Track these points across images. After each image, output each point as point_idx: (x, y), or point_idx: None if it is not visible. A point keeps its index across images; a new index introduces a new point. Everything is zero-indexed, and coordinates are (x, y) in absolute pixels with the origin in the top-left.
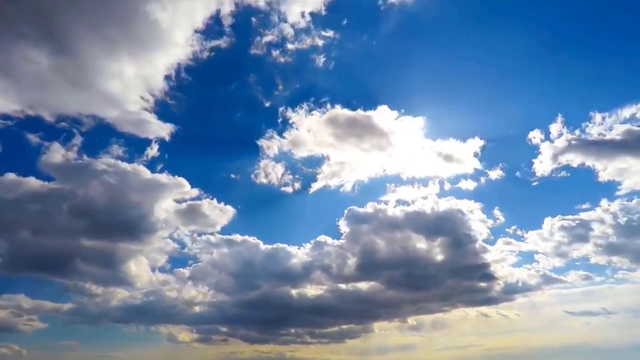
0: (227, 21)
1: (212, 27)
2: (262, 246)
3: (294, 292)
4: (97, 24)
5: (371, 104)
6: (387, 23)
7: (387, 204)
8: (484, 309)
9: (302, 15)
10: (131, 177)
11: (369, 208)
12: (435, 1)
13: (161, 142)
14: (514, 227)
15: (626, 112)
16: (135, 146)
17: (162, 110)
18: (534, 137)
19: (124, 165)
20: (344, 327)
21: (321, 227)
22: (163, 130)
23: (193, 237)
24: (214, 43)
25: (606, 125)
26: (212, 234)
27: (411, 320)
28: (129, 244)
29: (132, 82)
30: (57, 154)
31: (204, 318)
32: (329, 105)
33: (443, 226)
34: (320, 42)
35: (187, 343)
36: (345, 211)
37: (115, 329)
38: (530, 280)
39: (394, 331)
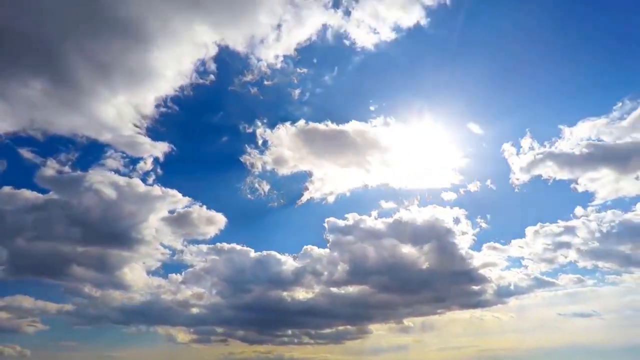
0: (211, 63)
1: (198, 68)
2: (253, 254)
3: (287, 296)
4: (94, 56)
5: (346, 120)
6: (354, 60)
7: (369, 215)
8: (477, 311)
9: (276, 57)
10: (126, 189)
11: (350, 219)
12: (396, 42)
13: (154, 159)
14: (497, 238)
15: (591, 125)
16: (129, 160)
17: (154, 134)
18: (507, 151)
19: (119, 177)
20: (340, 328)
21: (308, 237)
22: (156, 149)
23: (186, 245)
24: (200, 81)
25: (574, 139)
26: (205, 242)
27: (407, 321)
28: (127, 251)
29: (125, 109)
30: (52, 169)
31: (203, 320)
32: (305, 124)
33: (428, 234)
34: (295, 79)
35: (186, 344)
36: (326, 223)
37: (115, 330)
38: (521, 284)
39: (390, 332)
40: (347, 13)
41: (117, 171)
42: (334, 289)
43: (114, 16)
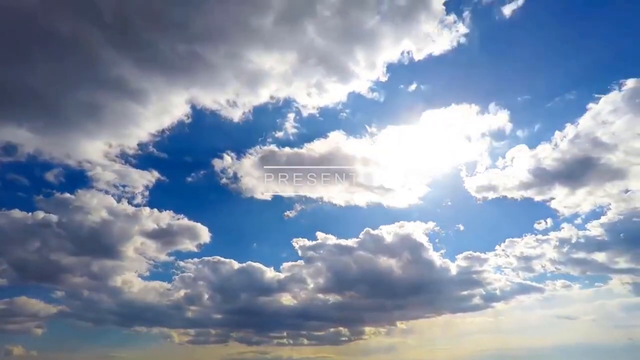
0: (187, 118)
1: (175, 122)
2: (237, 265)
3: (277, 301)
4: (85, 103)
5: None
6: (306, 115)
7: (341, 233)
8: (467, 315)
9: (238, 117)
10: (116, 209)
11: (319, 238)
12: (341, 102)
13: (143, 186)
14: (472, 249)
15: (542, 148)
16: (119, 184)
17: (138, 167)
18: (462, 171)
19: (108, 197)
20: (334, 330)
21: (288, 253)
22: (143, 177)
23: (177, 257)
24: (175, 132)
25: (526, 161)
26: (191, 256)
27: (400, 324)
28: (120, 260)
29: (110, 148)
30: (48, 190)
31: (200, 323)
32: (268, 151)
33: (402, 247)
34: (256, 130)
35: (185, 344)
36: (294, 243)
37: (116, 332)
38: (507, 289)
39: (383, 335)
40: (292, 82)
41: (107, 192)
42: (321, 295)
43: (103, 74)
